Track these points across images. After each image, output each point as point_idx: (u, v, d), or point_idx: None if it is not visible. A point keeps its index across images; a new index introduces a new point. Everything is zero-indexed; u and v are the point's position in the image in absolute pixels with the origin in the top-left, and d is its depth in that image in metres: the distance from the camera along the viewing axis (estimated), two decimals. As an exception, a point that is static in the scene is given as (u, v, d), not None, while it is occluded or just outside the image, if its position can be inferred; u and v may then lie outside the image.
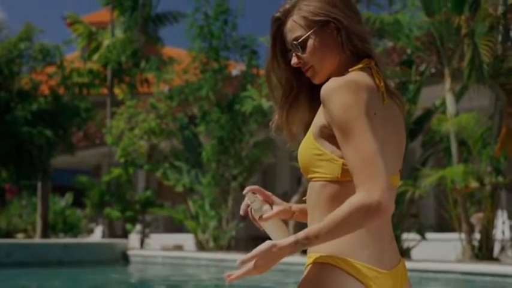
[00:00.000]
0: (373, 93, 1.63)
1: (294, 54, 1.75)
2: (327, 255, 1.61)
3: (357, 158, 1.55)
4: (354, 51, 1.70)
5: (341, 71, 1.70)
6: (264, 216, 1.77)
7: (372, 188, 1.52)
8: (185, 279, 8.64)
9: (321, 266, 1.61)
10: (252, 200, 1.79)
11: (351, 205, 1.52)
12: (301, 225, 1.74)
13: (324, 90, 1.61)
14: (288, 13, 1.76)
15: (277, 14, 1.77)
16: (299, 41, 1.72)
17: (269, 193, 1.85)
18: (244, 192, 1.83)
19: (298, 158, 1.71)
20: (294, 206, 1.87)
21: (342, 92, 1.58)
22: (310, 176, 1.68)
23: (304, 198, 1.79)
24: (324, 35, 1.71)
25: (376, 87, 1.65)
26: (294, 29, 1.74)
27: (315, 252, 1.64)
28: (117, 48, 16.28)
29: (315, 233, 1.55)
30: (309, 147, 1.67)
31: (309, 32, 1.71)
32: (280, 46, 1.80)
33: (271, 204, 1.83)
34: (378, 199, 1.50)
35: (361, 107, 1.57)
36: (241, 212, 1.83)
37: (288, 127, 1.85)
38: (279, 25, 1.78)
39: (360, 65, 1.68)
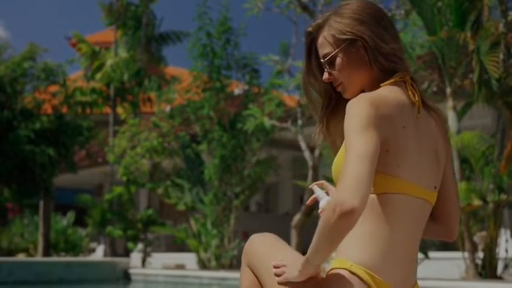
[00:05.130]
0: (401, 107, 1.64)
1: (326, 70, 1.78)
2: (358, 266, 1.60)
3: (344, 164, 1.55)
4: (382, 68, 1.72)
5: (373, 86, 1.73)
6: None
7: (340, 189, 1.49)
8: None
9: (351, 277, 1.59)
10: (319, 193, 1.88)
11: (327, 208, 1.52)
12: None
13: (347, 104, 1.64)
14: (319, 28, 1.79)
15: (310, 29, 1.81)
16: (327, 58, 1.75)
17: (331, 186, 1.90)
18: (310, 186, 1.91)
19: (332, 168, 1.74)
20: None
21: (355, 106, 1.60)
22: None
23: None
24: (351, 52, 1.73)
25: (408, 102, 1.67)
26: (323, 45, 1.77)
27: (346, 258, 1.63)
28: (120, 67, 16.37)
29: (311, 250, 1.57)
30: (340, 159, 1.70)
31: (336, 50, 1.73)
32: (317, 59, 1.83)
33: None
34: (341, 198, 1.46)
35: (363, 120, 1.57)
36: (308, 203, 1.92)
37: (330, 138, 1.87)
38: (311, 40, 1.82)
39: (392, 80, 1.71)
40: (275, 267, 1.68)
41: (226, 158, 12.44)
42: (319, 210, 1.84)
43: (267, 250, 1.74)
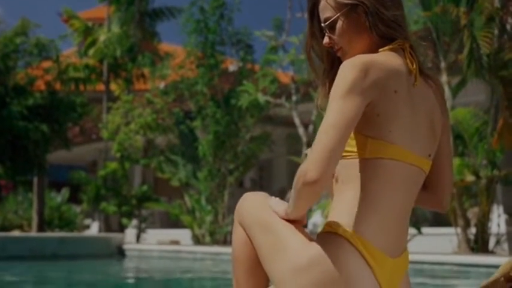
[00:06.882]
0: (395, 73, 1.63)
1: (326, 34, 1.77)
2: (348, 231, 1.60)
3: (317, 132, 1.59)
4: (381, 35, 1.71)
5: (373, 53, 1.71)
6: None
7: (307, 159, 1.56)
8: (181, 272, 8.64)
9: (340, 241, 1.60)
10: None
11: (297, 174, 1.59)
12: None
13: (341, 65, 1.63)
14: None
15: None
16: (328, 22, 1.75)
17: None
18: (306, 151, 1.92)
19: None
20: None
21: (345, 68, 1.60)
22: None
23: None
24: (352, 17, 1.72)
25: (404, 69, 1.66)
26: (325, 9, 1.76)
27: (337, 222, 1.63)
28: (113, 43, 16.25)
29: (289, 205, 1.67)
30: None
31: (338, 14, 1.73)
32: (319, 23, 1.82)
33: None
34: (305, 168, 1.53)
35: (347, 85, 1.57)
36: None
37: None
38: (314, 3, 1.81)
39: (391, 46, 1.70)
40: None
41: (220, 134, 12.43)
42: None
43: (258, 208, 1.75)
